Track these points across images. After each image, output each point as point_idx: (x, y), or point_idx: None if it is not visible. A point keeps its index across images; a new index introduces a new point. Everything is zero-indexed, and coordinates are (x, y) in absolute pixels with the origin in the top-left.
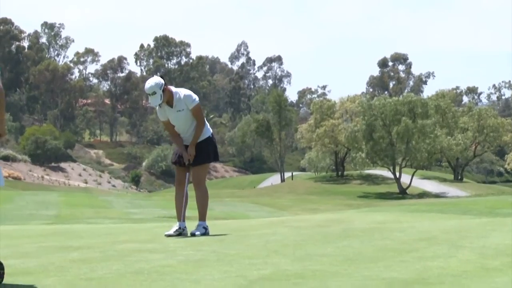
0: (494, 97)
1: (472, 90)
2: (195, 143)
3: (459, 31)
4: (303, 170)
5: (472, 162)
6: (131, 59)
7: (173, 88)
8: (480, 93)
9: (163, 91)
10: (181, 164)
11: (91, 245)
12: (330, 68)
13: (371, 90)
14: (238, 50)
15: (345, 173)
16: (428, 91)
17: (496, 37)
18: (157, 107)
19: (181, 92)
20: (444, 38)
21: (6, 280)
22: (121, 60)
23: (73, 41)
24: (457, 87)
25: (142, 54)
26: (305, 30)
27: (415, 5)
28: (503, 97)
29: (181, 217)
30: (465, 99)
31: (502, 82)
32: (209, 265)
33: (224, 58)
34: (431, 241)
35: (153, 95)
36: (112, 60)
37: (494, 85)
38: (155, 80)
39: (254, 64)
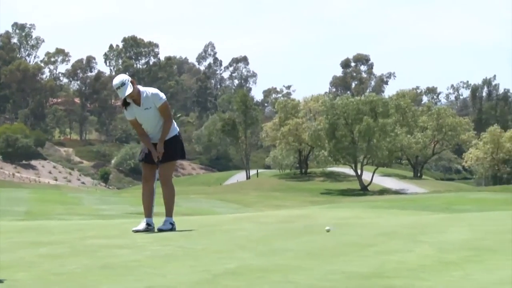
0: (452, 97)
1: (431, 90)
2: (163, 140)
3: (420, 32)
4: (268, 167)
5: (431, 160)
6: (100, 59)
7: (140, 87)
8: (439, 93)
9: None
10: (148, 161)
11: (61, 240)
12: (295, 69)
13: (334, 90)
14: (205, 51)
15: (309, 170)
16: (389, 91)
17: (455, 39)
18: (125, 110)
19: (149, 90)
20: (405, 39)
21: None
22: (90, 60)
23: (43, 41)
24: (417, 87)
25: (111, 55)
26: (271, 31)
27: (377, 7)
28: (461, 97)
29: (148, 213)
30: (425, 98)
31: (460, 82)
32: (175, 259)
33: (192, 59)
34: (390, 236)
35: (122, 86)
36: (81, 60)
37: (452, 85)
38: (122, 75)
39: (220, 65)
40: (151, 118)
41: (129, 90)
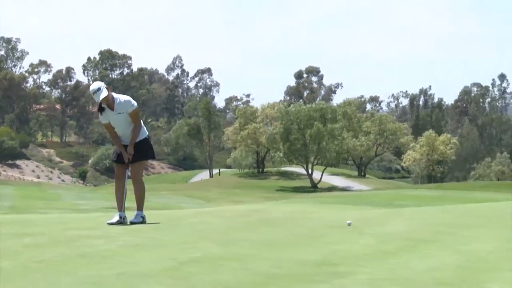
0: (392, 105)
1: (374, 99)
2: (133, 143)
3: (364, 47)
4: (229, 167)
5: (373, 161)
6: (79, 70)
7: (114, 94)
8: (381, 102)
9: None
10: (120, 161)
11: (42, 232)
12: (254, 79)
13: (288, 98)
14: (173, 63)
15: (265, 170)
16: (337, 99)
17: (395, 53)
18: (100, 115)
19: (122, 97)
20: (351, 53)
21: None
22: (69, 70)
23: (28, 53)
24: (362, 96)
25: (89, 66)
26: (232, 45)
27: (326, 24)
28: (400, 105)
29: (121, 207)
30: (368, 106)
31: (400, 92)
32: (146, 249)
33: (161, 70)
34: (337, 228)
35: (98, 91)
36: (62, 71)
37: (393, 95)
38: (98, 81)
39: (187, 75)
40: (123, 122)
41: (103, 94)
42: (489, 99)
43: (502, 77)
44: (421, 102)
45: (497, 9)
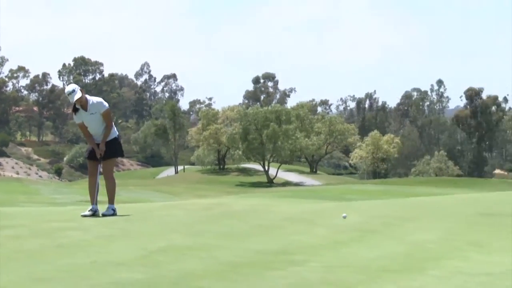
0: (341, 108)
1: (324, 102)
2: (105, 141)
3: (316, 54)
4: (193, 164)
5: (324, 158)
6: (54, 75)
7: (88, 96)
8: (331, 104)
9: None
10: (92, 158)
11: (22, 224)
12: (215, 83)
13: (246, 101)
14: (142, 69)
15: (226, 166)
16: (291, 102)
17: (344, 60)
18: (74, 115)
19: (94, 99)
20: (304, 60)
21: None
22: (46, 75)
23: (8, 60)
24: (313, 100)
25: (64, 71)
26: (196, 52)
27: (283, 33)
28: (348, 108)
29: (94, 201)
30: (319, 109)
31: (348, 96)
32: (117, 239)
33: (131, 75)
34: (293, 220)
35: (72, 93)
36: (39, 76)
37: (341, 98)
38: (73, 84)
39: (154, 80)
40: (96, 122)
41: (78, 95)
42: (428, 103)
43: (440, 82)
44: (366, 105)
45: (435, 21)
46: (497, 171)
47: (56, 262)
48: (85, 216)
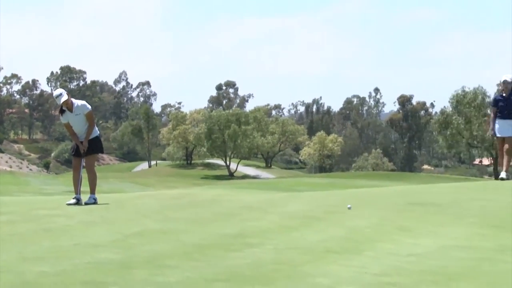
0: (292, 111)
1: (277, 106)
2: (88, 139)
3: (271, 63)
4: (164, 159)
5: (277, 155)
6: (43, 81)
7: (73, 99)
8: (283, 108)
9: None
10: (77, 154)
11: (14, 211)
12: (184, 89)
13: (211, 105)
14: (120, 76)
15: (192, 161)
16: (249, 106)
17: (294, 68)
18: (61, 116)
19: (79, 102)
20: (261, 69)
21: None
22: (35, 82)
23: (2, 68)
24: (268, 104)
25: (51, 78)
26: (167, 62)
27: (242, 45)
28: (298, 112)
29: (77, 191)
30: (273, 112)
31: (298, 101)
32: (97, 225)
33: (110, 82)
34: (249, 208)
35: (60, 96)
36: (29, 82)
37: (292, 103)
38: (60, 88)
39: (131, 87)
40: (80, 122)
41: (64, 98)
42: (366, 107)
43: (376, 90)
44: (314, 109)
45: (373, 36)
46: (425, 166)
47: (43, 244)
48: (69, 204)
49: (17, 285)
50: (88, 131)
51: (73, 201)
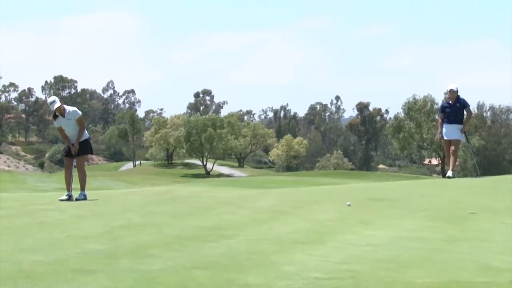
0: (262, 117)
1: (249, 112)
2: (78, 141)
3: (243, 72)
4: (147, 159)
5: (249, 155)
6: (38, 89)
7: (65, 106)
8: (254, 114)
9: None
10: (68, 155)
11: (11, 206)
12: (165, 96)
13: (189, 111)
14: (108, 85)
15: (173, 161)
16: (224, 112)
17: (265, 77)
18: (54, 121)
19: (70, 108)
20: (234, 78)
21: None
22: (31, 90)
23: (1, 78)
24: (241, 110)
25: (46, 87)
26: (150, 71)
27: (217, 56)
28: (267, 117)
29: (69, 188)
30: (246, 117)
31: (267, 107)
32: (87, 218)
33: (99, 90)
34: (224, 204)
35: (53, 103)
36: (25, 90)
37: (262, 109)
38: (53, 96)
39: (118, 94)
40: (71, 126)
41: (57, 105)
42: (328, 113)
43: (337, 97)
44: (282, 115)
45: (333, 47)
46: (380, 166)
47: (38, 236)
48: (62, 200)
49: (14, 273)
50: (78, 134)
51: (65, 197)
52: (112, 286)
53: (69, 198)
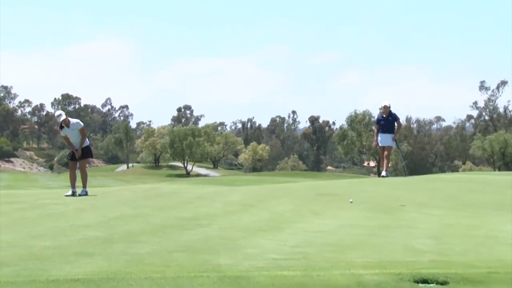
0: (233, 127)
1: (222, 124)
2: (81, 147)
3: (218, 90)
4: (138, 162)
5: (222, 159)
6: (48, 105)
7: (70, 118)
8: (226, 125)
9: (65, 118)
10: (72, 158)
11: (25, 201)
12: (153, 110)
13: (173, 123)
14: (106, 102)
15: (159, 164)
16: (201, 123)
17: (235, 94)
18: (60, 130)
19: (74, 120)
20: (210, 95)
21: None
22: (42, 105)
23: (18, 95)
24: (215, 122)
25: (55, 103)
26: (141, 89)
27: (195, 75)
28: (237, 127)
29: (73, 186)
30: (219, 128)
31: (237, 119)
32: (87, 211)
33: (98, 105)
34: (201, 198)
35: (60, 116)
36: (37, 105)
37: (233, 121)
38: (60, 110)
39: (114, 109)
40: (75, 135)
41: (63, 117)
42: (286, 125)
43: (294, 112)
44: (248, 126)
45: (291, 70)
46: (328, 167)
47: (46, 225)
48: (67, 195)
49: (26, 256)
50: (81, 142)
51: (70, 193)
52: (107, 266)
53: (73, 194)
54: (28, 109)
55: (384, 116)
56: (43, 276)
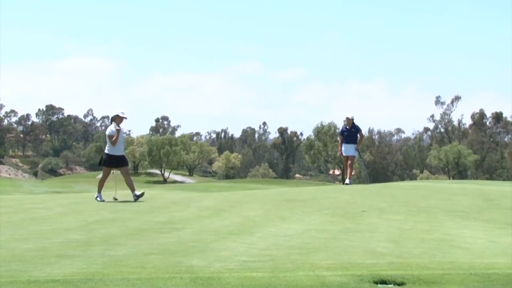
0: (208, 137)
1: (197, 133)
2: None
3: (193, 102)
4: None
5: (197, 167)
6: (33, 115)
7: (112, 124)
8: (201, 135)
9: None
10: (105, 164)
11: (10, 205)
12: (132, 121)
13: (151, 132)
14: (88, 112)
15: (138, 171)
16: (178, 133)
17: (209, 107)
18: (121, 128)
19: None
20: (185, 107)
21: None
22: (28, 115)
23: (4, 106)
24: (191, 132)
25: (39, 113)
26: (120, 100)
27: (172, 88)
28: (211, 137)
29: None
30: (195, 137)
31: (211, 130)
32: (68, 215)
33: (80, 116)
34: (176, 203)
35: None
36: (23, 115)
37: (208, 131)
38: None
39: (96, 119)
40: (121, 141)
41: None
42: (257, 135)
43: (264, 123)
44: (222, 136)
45: (260, 85)
46: (297, 175)
47: (29, 229)
48: (101, 200)
49: (9, 257)
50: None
51: (100, 198)
52: (86, 267)
53: (100, 199)
54: (14, 119)
55: (347, 127)
56: (24, 277)
